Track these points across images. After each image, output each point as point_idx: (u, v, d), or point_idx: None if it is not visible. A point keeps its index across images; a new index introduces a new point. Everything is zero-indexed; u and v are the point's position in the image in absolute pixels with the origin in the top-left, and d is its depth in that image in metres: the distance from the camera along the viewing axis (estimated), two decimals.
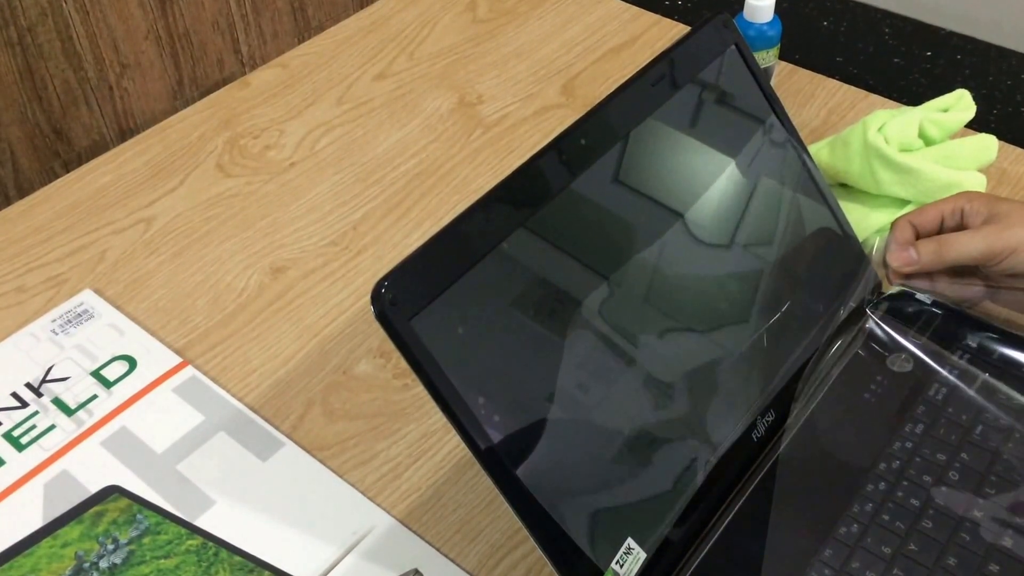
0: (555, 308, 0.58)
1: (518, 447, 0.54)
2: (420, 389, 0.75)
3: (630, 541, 0.58)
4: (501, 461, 0.53)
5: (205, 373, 0.77)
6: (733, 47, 0.70)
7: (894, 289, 0.77)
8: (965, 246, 0.71)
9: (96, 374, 0.76)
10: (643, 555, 0.58)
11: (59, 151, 1.03)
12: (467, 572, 0.65)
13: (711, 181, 0.67)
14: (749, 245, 0.68)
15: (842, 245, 0.74)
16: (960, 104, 0.84)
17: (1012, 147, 0.93)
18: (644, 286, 0.62)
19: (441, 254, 0.54)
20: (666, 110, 0.66)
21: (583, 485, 0.56)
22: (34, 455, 0.71)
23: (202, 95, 1.07)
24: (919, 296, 0.76)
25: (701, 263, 0.66)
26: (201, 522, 0.67)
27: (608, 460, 0.58)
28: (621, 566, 0.57)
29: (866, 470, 0.65)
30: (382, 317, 0.51)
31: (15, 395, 0.75)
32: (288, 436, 0.73)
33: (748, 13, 0.92)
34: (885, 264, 0.75)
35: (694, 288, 0.65)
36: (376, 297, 0.51)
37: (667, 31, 1.09)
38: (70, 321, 0.80)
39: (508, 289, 0.56)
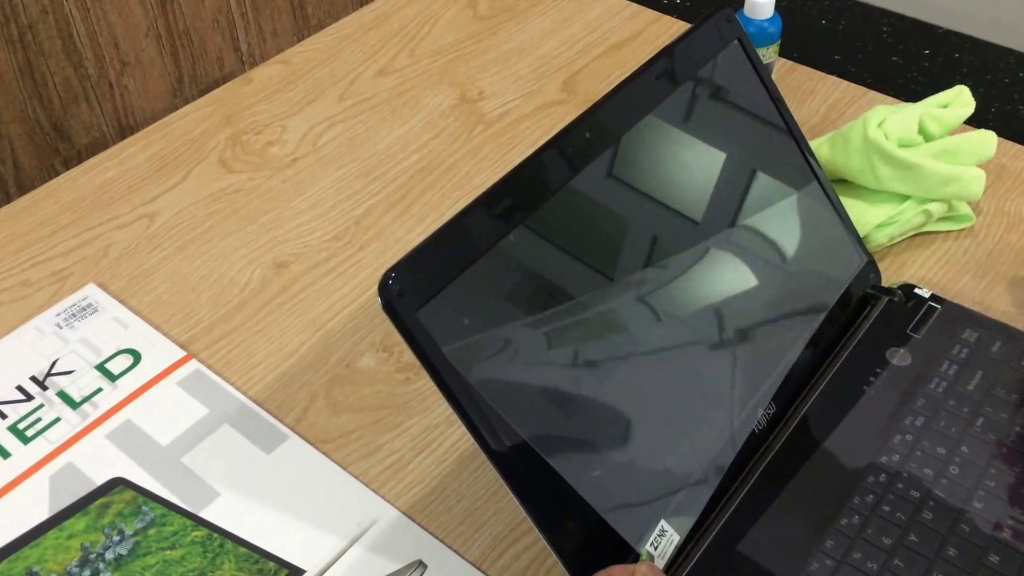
0: (559, 300, 0.58)
1: (523, 438, 0.54)
2: (423, 382, 0.76)
3: (663, 523, 0.59)
4: (506, 452, 0.54)
5: (209, 367, 0.77)
6: (736, 42, 0.70)
7: (895, 283, 0.78)
8: None
9: (101, 367, 0.77)
10: (678, 536, 0.59)
11: (59, 148, 1.03)
12: (471, 563, 0.65)
13: (713, 176, 0.68)
14: (750, 239, 0.69)
15: (842, 240, 0.75)
16: (959, 100, 0.85)
17: (1011, 143, 0.93)
18: (647, 279, 0.63)
19: (447, 246, 0.54)
20: (668, 105, 0.66)
21: (587, 476, 0.57)
22: (39, 448, 0.72)
23: (201, 93, 1.07)
24: (919, 290, 0.76)
25: (702, 257, 0.66)
26: (206, 514, 0.68)
27: (611, 451, 0.59)
28: (655, 547, 0.58)
29: (867, 462, 0.66)
30: (389, 308, 0.51)
31: (20, 388, 0.75)
32: (292, 429, 0.73)
33: (749, 10, 0.93)
34: None
35: (695, 281, 0.65)
36: (383, 288, 0.51)
37: (667, 28, 1.10)
38: (74, 315, 0.80)
39: (514, 281, 0.57)
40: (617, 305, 0.61)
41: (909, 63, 1.09)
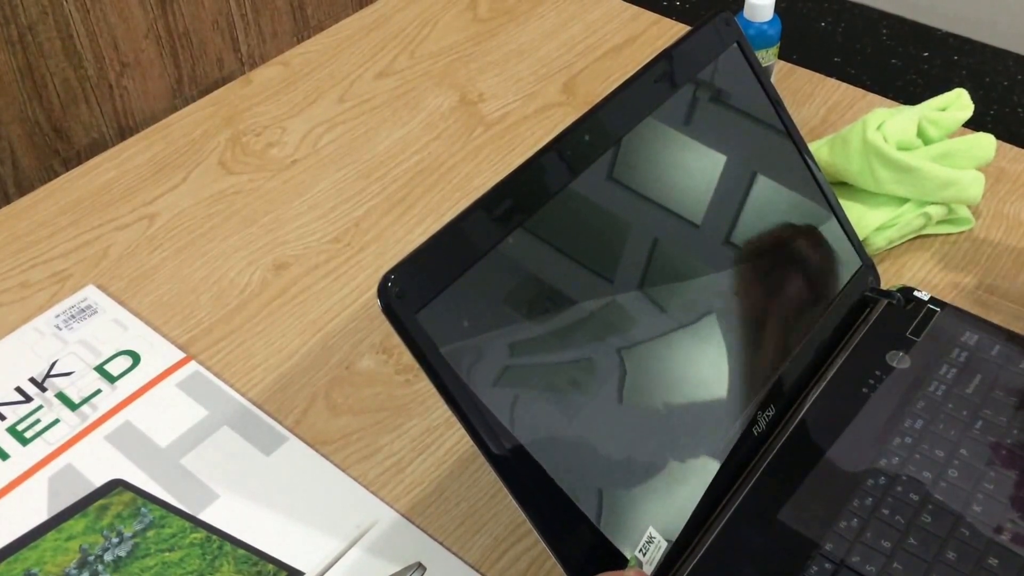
0: (559, 302, 0.58)
1: (522, 440, 0.54)
2: (422, 384, 0.76)
3: (651, 530, 0.59)
4: (505, 454, 0.54)
5: (208, 368, 0.77)
6: (735, 45, 0.70)
7: (894, 286, 0.78)
8: None
9: (100, 369, 0.77)
10: (664, 543, 0.59)
11: (59, 149, 1.03)
12: (470, 565, 0.65)
13: (712, 179, 0.68)
14: (749, 242, 0.69)
15: (842, 242, 0.75)
16: (958, 103, 0.85)
17: (1010, 146, 0.93)
18: (646, 282, 0.63)
19: (447, 249, 0.54)
20: (668, 108, 0.66)
21: (581, 481, 0.57)
22: (38, 449, 0.72)
23: (201, 94, 1.07)
24: (918, 293, 0.76)
25: (701, 259, 0.66)
26: (205, 516, 0.68)
27: (612, 453, 0.59)
28: (644, 553, 0.58)
29: (866, 465, 0.66)
30: (388, 310, 0.51)
31: (19, 389, 0.75)
32: (291, 431, 0.73)
33: (748, 12, 0.93)
34: None
35: (694, 284, 0.65)
36: (383, 290, 0.51)
37: (667, 30, 1.10)
38: (74, 316, 0.80)
39: (513, 283, 0.57)
40: (616, 308, 0.61)
41: (908, 65, 1.09)
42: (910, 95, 1.03)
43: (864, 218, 0.82)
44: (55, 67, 0.99)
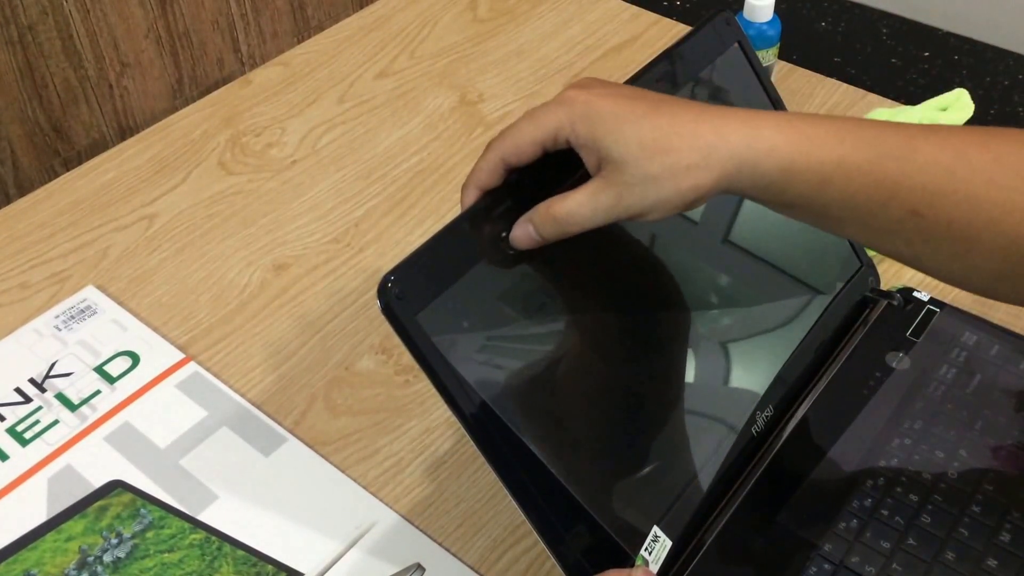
0: (558, 302, 0.58)
1: (522, 442, 0.54)
2: (422, 385, 0.75)
3: (656, 529, 0.59)
4: (505, 455, 0.54)
5: (208, 369, 0.77)
6: (735, 45, 0.70)
7: (894, 286, 0.78)
8: (582, 217, 0.54)
9: (99, 370, 0.77)
10: (669, 543, 0.59)
11: (59, 149, 1.03)
12: (469, 566, 0.65)
13: None
14: (748, 242, 0.69)
15: (841, 243, 0.75)
16: (958, 103, 0.85)
17: None
18: (646, 281, 0.63)
19: (447, 250, 0.54)
20: None
21: (584, 481, 0.57)
22: (38, 450, 0.71)
23: (201, 94, 1.07)
24: (918, 293, 0.76)
25: (700, 258, 0.66)
26: (204, 516, 0.68)
27: (609, 456, 0.59)
28: (650, 552, 0.58)
29: (865, 466, 0.66)
30: (388, 311, 0.51)
31: (19, 390, 0.75)
32: (291, 431, 0.73)
33: (748, 12, 0.93)
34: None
35: (693, 284, 0.65)
36: (382, 291, 0.51)
37: (667, 31, 1.10)
38: (73, 317, 0.80)
39: (513, 284, 0.56)
40: (615, 309, 0.61)
41: (908, 65, 1.09)
42: (910, 95, 1.02)
43: None
44: (55, 67, 0.99)
